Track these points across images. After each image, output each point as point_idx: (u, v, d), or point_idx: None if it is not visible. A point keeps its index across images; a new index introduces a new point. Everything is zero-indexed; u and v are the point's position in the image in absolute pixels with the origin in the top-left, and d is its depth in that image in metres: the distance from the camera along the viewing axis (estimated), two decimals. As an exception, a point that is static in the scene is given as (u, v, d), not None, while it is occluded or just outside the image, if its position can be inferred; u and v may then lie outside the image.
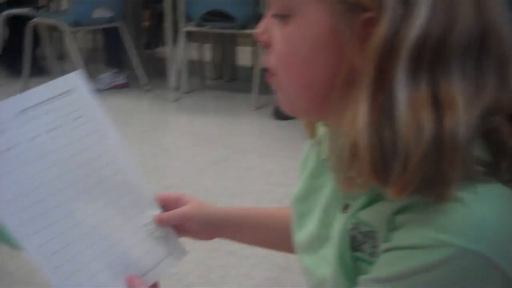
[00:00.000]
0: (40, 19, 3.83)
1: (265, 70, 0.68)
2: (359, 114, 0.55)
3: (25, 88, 3.77)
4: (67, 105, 0.78)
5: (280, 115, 3.45)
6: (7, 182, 0.71)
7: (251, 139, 3.20)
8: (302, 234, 0.76)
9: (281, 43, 0.62)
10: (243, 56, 4.92)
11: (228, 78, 4.52)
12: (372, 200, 0.62)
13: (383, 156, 0.55)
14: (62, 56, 5.23)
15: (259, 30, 0.65)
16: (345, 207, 0.66)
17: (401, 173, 0.54)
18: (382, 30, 0.54)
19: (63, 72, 3.46)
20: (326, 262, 0.68)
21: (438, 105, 0.54)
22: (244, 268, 1.82)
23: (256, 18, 3.57)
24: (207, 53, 4.50)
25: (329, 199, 0.71)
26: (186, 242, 1.95)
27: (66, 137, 0.77)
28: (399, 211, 0.58)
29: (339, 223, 0.66)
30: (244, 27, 3.74)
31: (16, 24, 4.14)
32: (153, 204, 0.86)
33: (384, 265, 0.59)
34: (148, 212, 0.85)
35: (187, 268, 1.81)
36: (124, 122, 3.39)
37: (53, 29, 5.00)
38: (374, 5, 0.55)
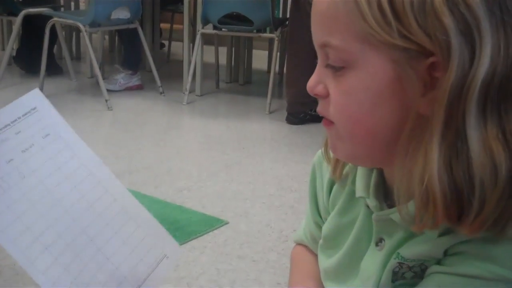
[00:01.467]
0: (59, 19, 3.85)
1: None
2: (431, 159, 0.55)
3: (42, 87, 3.81)
4: (33, 124, 0.77)
5: (293, 120, 3.45)
6: (3, 204, 0.70)
7: (263, 143, 3.20)
8: (329, 262, 0.77)
9: (340, 94, 0.61)
10: (258, 60, 4.93)
11: (243, 82, 4.52)
12: (413, 234, 0.63)
13: (458, 198, 0.55)
14: (76, 56, 5.28)
15: (312, 82, 0.64)
16: (379, 241, 0.68)
17: (478, 213, 0.55)
18: (450, 74, 0.54)
19: (78, 72, 3.49)
20: None
21: (508, 142, 0.55)
22: (254, 272, 1.82)
23: (273, 22, 3.58)
24: (222, 56, 4.51)
25: (360, 232, 0.71)
26: (197, 245, 1.96)
27: (40, 155, 0.76)
28: (460, 242, 0.59)
29: (375, 259, 0.67)
30: (260, 30, 3.74)
31: (33, 23, 4.16)
32: (135, 206, 0.85)
33: (435, 287, 0.60)
34: (132, 217, 0.84)
35: (197, 272, 1.81)
36: (137, 124, 3.41)
37: (69, 28, 5.05)
38: (439, 49, 0.55)
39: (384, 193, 0.69)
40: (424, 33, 0.55)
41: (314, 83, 0.64)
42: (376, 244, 0.68)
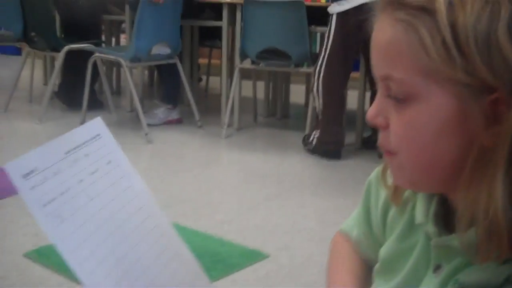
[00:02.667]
0: (101, 55, 3.94)
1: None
2: (496, 192, 0.56)
3: (83, 122, 3.87)
4: (98, 150, 0.79)
5: (331, 155, 3.43)
6: (66, 227, 0.71)
7: (302, 177, 3.19)
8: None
9: (402, 126, 0.62)
10: (296, 94, 4.94)
11: (280, 116, 4.54)
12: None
13: None
14: (116, 91, 5.37)
15: (371, 112, 0.65)
16: (437, 267, 0.67)
17: None
18: None
19: (118, 106, 3.55)
20: None
21: None
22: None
23: (310, 56, 3.60)
24: (260, 90, 4.54)
25: (418, 259, 0.71)
26: (238, 279, 1.94)
27: (104, 180, 0.78)
28: None
29: (433, 286, 0.67)
30: (298, 65, 3.77)
31: (74, 59, 4.26)
32: (180, 244, 0.87)
33: None
34: (177, 254, 0.86)
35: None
36: (177, 157, 3.43)
37: (109, 63, 5.16)
38: (503, 85, 0.56)
39: (444, 220, 0.69)
40: (488, 70, 0.55)
41: (374, 114, 0.64)
42: (434, 271, 0.67)
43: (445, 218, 0.69)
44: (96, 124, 0.82)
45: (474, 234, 0.59)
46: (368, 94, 3.72)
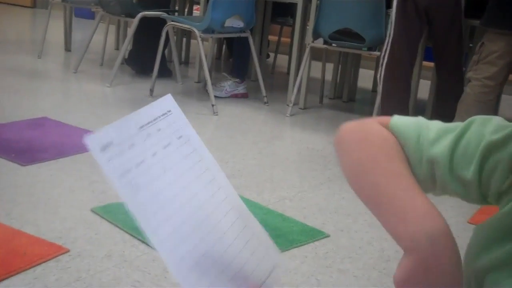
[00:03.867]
0: (176, 23, 3.97)
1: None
2: None
3: (152, 88, 3.93)
4: (170, 125, 0.81)
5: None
6: (143, 197, 0.73)
7: (366, 161, 3.15)
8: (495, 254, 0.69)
9: None
10: (364, 78, 4.88)
11: (347, 99, 4.49)
12: None
13: None
14: (185, 61, 5.42)
15: None
16: None
17: None
18: None
19: (185, 76, 3.60)
20: None
21: None
22: (355, 289, 1.79)
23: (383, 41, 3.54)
24: (328, 72, 4.50)
25: None
26: (298, 254, 1.95)
27: (176, 154, 0.80)
28: None
29: None
30: (370, 48, 3.71)
31: (147, 26, 4.31)
32: (249, 215, 0.87)
33: None
34: (248, 225, 0.86)
35: (298, 280, 1.80)
36: (241, 131, 3.45)
37: (180, 33, 5.20)
38: None
39: None
40: None
41: None
42: None
43: None
44: (167, 101, 0.84)
45: None
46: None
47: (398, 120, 0.78)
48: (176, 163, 0.80)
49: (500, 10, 2.96)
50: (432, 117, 3.57)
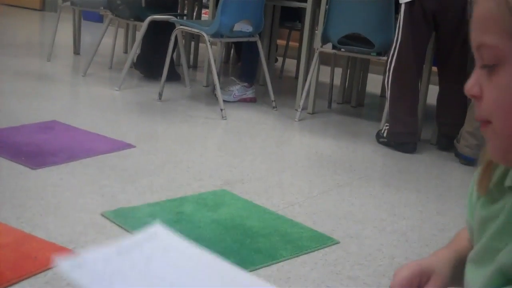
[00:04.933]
0: (184, 27, 3.98)
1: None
2: None
3: (162, 92, 3.94)
4: (156, 243, 0.76)
5: (404, 148, 3.38)
6: None
7: (375, 167, 3.15)
8: (474, 248, 0.79)
9: (493, 90, 0.65)
10: (373, 83, 4.88)
11: (355, 104, 4.49)
12: None
13: None
14: (193, 65, 5.43)
15: (469, 84, 0.68)
16: None
17: None
18: None
19: (193, 80, 3.60)
20: (483, 280, 0.72)
21: None
22: (365, 296, 1.79)
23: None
24: (336, 76, 4.50)
25: (504, 223, 0.72)
26: (308, 261, 1.94)
27: (163, 265, 0.74)
28: None
29: None
30: (379, 53, 3.70)
31: (155, 29, 4.32)
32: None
33: None
34: None
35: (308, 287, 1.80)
36: (250, 135, 3.45)
37: (188, 37, 5.21)
38: None
39: None
40: None
41: (471, 85, 0.68)
42: None
43: None
44: (154, 228, 0.80)
45: None
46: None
47: None
48: (165, 274, 0.75)
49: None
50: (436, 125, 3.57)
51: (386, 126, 3.48)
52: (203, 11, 5.59)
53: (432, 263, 0.87)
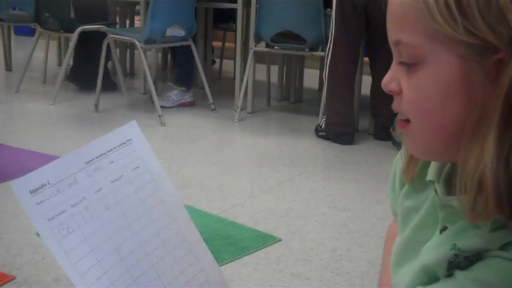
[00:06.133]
0: (115, 36, 3.93)
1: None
2: (486, 149, 0.57)
3: (97, 103, 3.87)
4: (126, 156, 0.79)
5: (342, 139, 3.42)
6: (80, 235, 0.71)
7: (315, 161, 3.17)
8: (396, 244, 0.80)
9: (412, 90, 0.64)
10: (310, 78, 4.92)
11: (294, 100, 4.52)
12: (470, 226, 0.64)
13: (510, 191, 0.57)
14: (130, 73, 5.37)
15: (386, 79, 0.67)
16: (443, 229, 0.69)
17: None
18: (511, 69, 0.56)
19: (130, 88, 3.55)
20: (409, 279, 0.72)
21: None
22: (308, 291, 1.80)
23: (325, 40, 3.57)
24: (273, 74, 4.52)
25: (426, 217, 0.73)
26: (250, 261, 1.94)
27: (126, 187, 0.78)
28: None
29: (437, 245, 0.68)
30: (313, 49, 3.74)
31: (87, 40, 4.25)
32: (206, 253, 0.85)
33: (488, 269, 0.61)
34: (202, 261, 0.84)
35: (251, 288, 1.79)
36: (190, 140, 3.43)
37: (123, 45, 5.15)
38: (504, 45, 0.57)
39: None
40: (489, 29, 0.57)
41: (388, 80, 0.67)
42: (441, 232, 0.69)
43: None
44: (129, 129, 0.81)
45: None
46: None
47: None
48: (124, 197, 0.77)
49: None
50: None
51: (324, 118, 3.52)
52: (136, 18, 5.53)
53: None
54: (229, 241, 2.09)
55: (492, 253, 0.61)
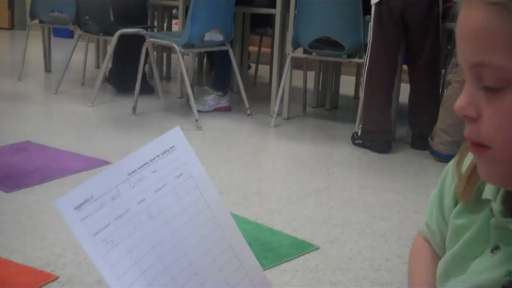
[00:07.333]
0: (155, 39, 3.97)
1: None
2: None
3: (135, 106, 3.92)
4: (170, 163, 0.79)
5: (379, 148, 3.40)
6: (125, 248, 0.72)
7: (351, 169, 3.16)
8: (442, 260, 0.78)
9: (497, 116, 0.58)
10: (346, 85, 4.90)
11: (329, 107, 4.51)
12: None
13: None
14: (166, 76, 5.42)
15: (461, 103, 0.61)
16: (495, 248, 0.66)
17: None
18: None
19: (167, 92, 3.58)
20: None
21: None
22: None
23: (363, 47, 3.56)
24: (309, 80, 4.51)
25: (477, 234, 0.70)
26: (288, 268, 1.94)
27: (170, 196, 0.78)
28: None
29: (487, 264, 0.66)
30: (351, 55, 3.73)
31: (126, 43, 4.30)
32: (250, 258, 0.84)
33: None
34: (247, 270, 0.84)
35: (290, 295, 1.80)
36: (226, 145, 3.44)
37: (160, 49, 5.20)
38: None
39: None
40: None
41: (465, 104, 0.61)
42: (492, 251, 0.67)
43: None
44: (172, 135, 0.81)
45: None
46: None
47: (422, 226, 0.91)
48: (168, 206, 0.77)
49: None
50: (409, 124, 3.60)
51: (360, 126, 3.50)
52: (173, 21, 5.58)
53: None
54: (267, 248, 2.09)
55: None
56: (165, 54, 5.41)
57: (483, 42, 0.57)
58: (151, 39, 3.97)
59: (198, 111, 3.83)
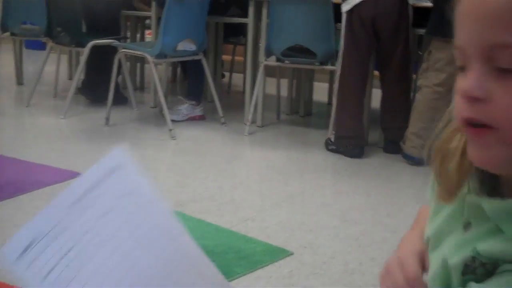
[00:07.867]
0: (127, 50, 3.96)
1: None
2: None
3: (108, 116, 3.90)
4: (114, 185, 0.76)
5: (352, 153, 3.43)
6: (78, 284, 0.69)
7: (325, 175, 3.18)
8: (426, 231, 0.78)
9: (510, 97, 0.57)
10: (319, 92, 4.93)
11: (303, 114, 4.53)
12: (496, 230, 0.62)
13: None
14: (140, 87, 5.40)
15: (471, 85, 0.59)
16: (467, 225, 0.66)
17: None
18: None
19: (140, 102, 3.55)
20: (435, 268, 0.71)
21: None
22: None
23: (335, 54, 3.59)
24: (283, 87, 4.54)
25: (454, 210, 0.70)
26: (262, 275, 1.94)
27: (117, 219, 0.75)
28: None
29: (457, 240, 0.67)
30: (323, 63, 3.76)
31: (98, 54, 4.28)
32: (208, 267, 0.83)
33: (504, 285, 0.59)
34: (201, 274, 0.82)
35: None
36: (200, 154, 3.45)
37: (133, 59, 5.19)
38: None
39: (492, 187, 0.66)
40: None
41: (475, 86, 0.59)
42: (464, 227, 0.66)
43: (495, 186, 0.66)
44: (117, 155, 0.77)
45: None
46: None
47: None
48: (117, 230, 0.74)
49: (443, 19, 3.04)
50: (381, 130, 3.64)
51: (334, 132, 3.53)
52: (146, 32, 5.58)
53: (417, 246, 0.81)
54: (241, 255, 2.10)
55: (507, 267, 0.60)
56: (138, 64, 5.40)
57: (503, 21, 0.56)
58: (124, 50, 3.96)
59: (172, 120, 3.82)
